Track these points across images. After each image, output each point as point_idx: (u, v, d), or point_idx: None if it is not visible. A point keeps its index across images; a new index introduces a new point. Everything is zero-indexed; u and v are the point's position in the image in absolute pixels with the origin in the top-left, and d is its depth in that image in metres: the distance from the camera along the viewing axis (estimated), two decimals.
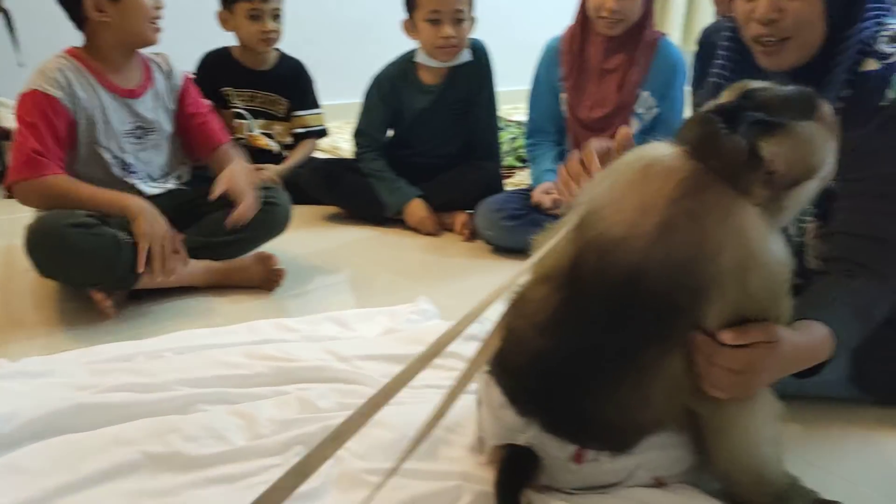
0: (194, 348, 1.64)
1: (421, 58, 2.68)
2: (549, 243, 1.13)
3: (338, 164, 2.98)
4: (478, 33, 2.72)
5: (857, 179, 1.33)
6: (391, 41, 2.77)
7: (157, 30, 2.00)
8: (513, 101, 3.94)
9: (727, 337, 1.07)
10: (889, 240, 1.27)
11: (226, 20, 2.85)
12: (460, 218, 2.67)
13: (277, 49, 2.96)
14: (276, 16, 2.84)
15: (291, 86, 2.98)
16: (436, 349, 1.04)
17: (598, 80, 2.47)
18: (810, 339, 1.17)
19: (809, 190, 1.13)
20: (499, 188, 2.77)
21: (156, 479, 1.23)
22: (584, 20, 2.46)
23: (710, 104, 1.14)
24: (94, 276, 1.85)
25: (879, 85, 1.33)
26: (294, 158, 2.96)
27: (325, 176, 2.82)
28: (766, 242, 1.07)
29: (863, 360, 1.50)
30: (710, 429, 1.15)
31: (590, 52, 2.47)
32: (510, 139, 3.53)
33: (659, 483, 1.21)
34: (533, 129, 2.70)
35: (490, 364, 1.21)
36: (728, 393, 1.10)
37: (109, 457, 1.25)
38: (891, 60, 1.34)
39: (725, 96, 1.15)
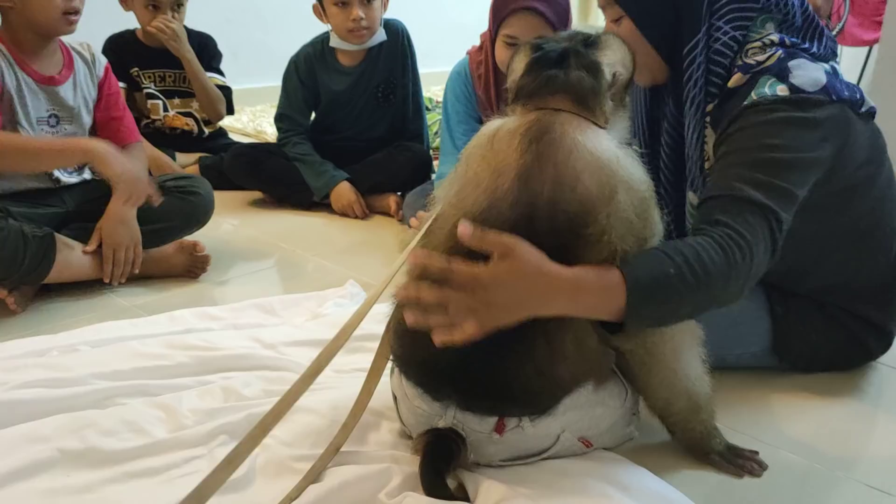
0: (111, 341, 1.58)
1: (335, 42, 2.64)
2: (416, 237, 1.16)
3: (261, 148, 2.91)
4: (406, 13, 2.67)
5: (720, 158, 1.36)
6: (315, 22, 2.71)
7: (71, 21, 1.90)
8: (441, 83, 3.92)
9: (463, 227, 1.03)
10: (740, 195, 1.25)
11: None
12: (393, 200, 2.64)
13: (185, 26, 2.88)
14: (179, 4, 2.78)
15: (197, 56, 2.89)
16: (341, 337, 1.06)
17: None
18: (580, 275, 1.06)
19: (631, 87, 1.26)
20: (428, 170, 2.75)
21: (71, 476, 1.19)
22: (494, 66, 2.26)
23: (518, 63, 1.22)
24: None
25: (746, 92, 1.36)
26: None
27: (248, 161, 2.75)
28: (620, 159, 1.12)
29: (784, 333, 1.54)
30: (638, 363, 1.19)
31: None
32: (439, 121, 3.51)
33: (586, 443, 1.22)
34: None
35: (396, 360, 1.22)
36: (467, 317, 1.02)
37: (22, 455, 1.20)
38: (758, 68, 1.37)
39: (523, 56, 1.22)
